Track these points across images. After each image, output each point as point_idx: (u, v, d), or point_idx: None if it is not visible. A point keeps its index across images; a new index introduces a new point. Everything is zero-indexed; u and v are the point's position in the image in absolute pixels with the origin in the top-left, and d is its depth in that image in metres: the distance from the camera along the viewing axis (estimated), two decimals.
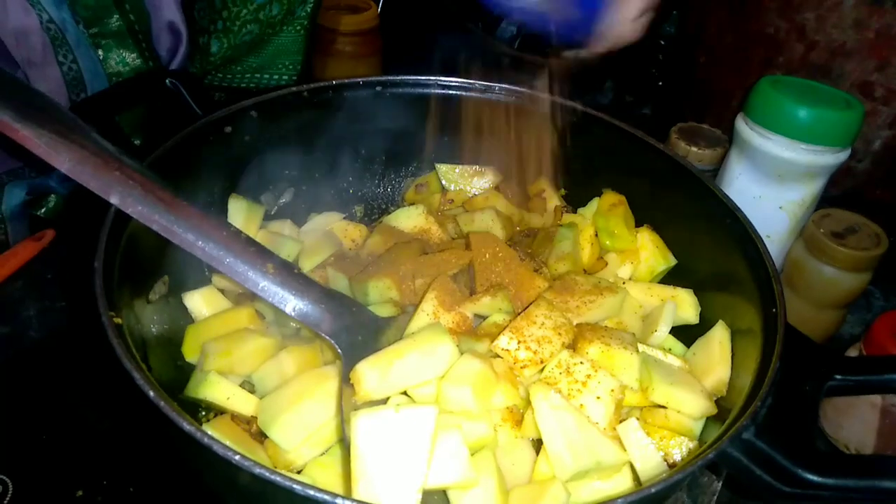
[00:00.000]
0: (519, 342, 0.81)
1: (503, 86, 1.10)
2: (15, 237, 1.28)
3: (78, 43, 1.15)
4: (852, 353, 1.08)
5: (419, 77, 1.10)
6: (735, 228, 0.90)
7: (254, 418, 0.82)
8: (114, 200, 0.71)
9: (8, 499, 0.83)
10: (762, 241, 0.86)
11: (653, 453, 0.76)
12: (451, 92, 1.11)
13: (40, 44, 1.11)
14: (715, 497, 0.93)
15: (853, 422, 1.05)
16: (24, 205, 1.29)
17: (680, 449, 0.81)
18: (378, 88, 1.08)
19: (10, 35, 1.09)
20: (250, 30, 1.39)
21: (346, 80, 1.06)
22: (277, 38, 1.45)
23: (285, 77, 1.50)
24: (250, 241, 0.78)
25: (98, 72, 1.20)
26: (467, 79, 1.10)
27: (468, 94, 1.11)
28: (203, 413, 0.87)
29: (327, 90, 1.05)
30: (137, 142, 1.18)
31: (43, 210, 1.33)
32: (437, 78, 1.10)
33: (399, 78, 1.09)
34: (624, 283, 1.00)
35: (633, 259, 1.04)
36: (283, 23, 1.42)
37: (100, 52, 1.19)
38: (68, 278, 1.15)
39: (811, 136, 1.13)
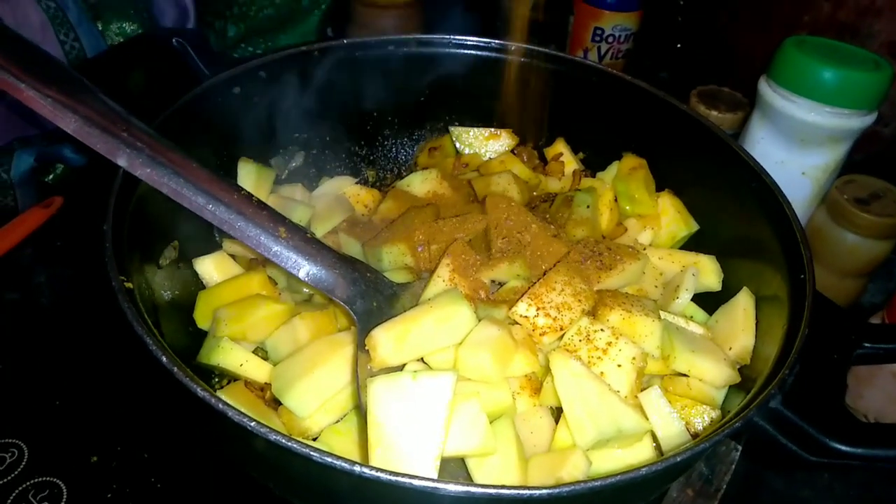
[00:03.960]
0: (538, 309, 0.79)
1: (521, 45, 1.07)
2: (23, 203, 1.27)
3: (80, 21, 1.14)
4: (874, 322, 1.06)
5: (433, 36, 1.06)
6: (761, 192, 0.87)
7: (268, 385, 0.81)
8: (121, 163, 0.69)
9: (24, 464, 0.83)
10: (789, 204, 0.84)
11: (675, 422, 0.75)
12: (465, 52, 1.07)
13: (39, 22, 1.09)
14: (733, 466, 0.92)
15: (873, 391, 1.04)
16: (32, 171, 1.28)
17: (702, 418, 0.80)
18: (390, 48, 1.05)
19: (8, 14, 1.07)
20: (268, 14, 1.36)
21: (357, 40, 1.03)
22: (306, 23, 1.42)
23: None
24: (262, 205, 0.76)
25: (101, 48, 1.19)
26: (483, 38, 1.06)
27: (484, 53, 1.07)
28: (216, 380, 0.87)
29: (338, 50, 1.01)
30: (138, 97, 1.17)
31: (51, 177, 1.32)
32: (452, 37, 1.06)
33: (412, 37, 1.06)
34: (644, 249, 0.98)
35: (653, 224, 1.02)
36: (310, 9, 1.39)
37: (99, 25, 1.17)
38: (78, 245, 1.14)
39: (837, 98, 1.09)
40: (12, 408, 0.90)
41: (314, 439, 0.77)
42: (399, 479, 0.54)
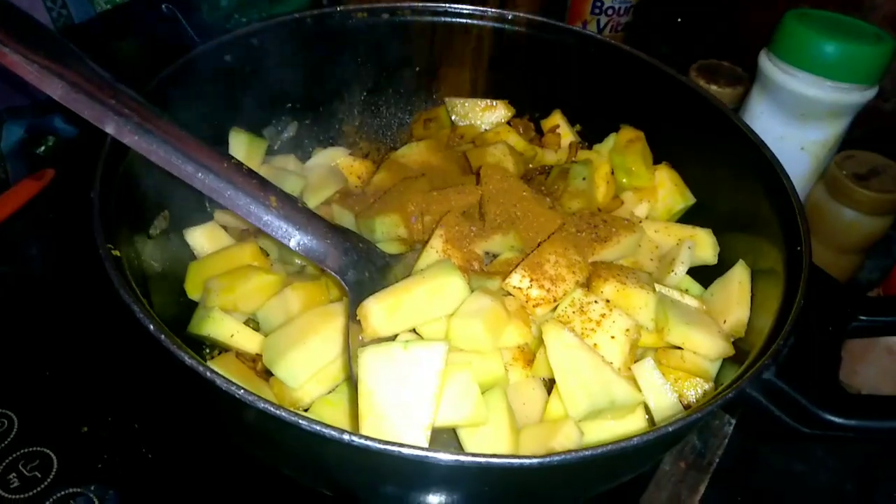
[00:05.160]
0: (532, 280, 0.79)
1: (517, 14, 1.05)
2: (15, 175, 1.26)
3: None
4: None
5: (428, 4, 1.04)
6: (759, 164, 0.86)
7: (259, 356, 0.81)
8: (109, 130, 0.68)
9: (14, 434, 0.83)
10: (788, 177, 0.83)
11: (668, 393, 0.74)
12: (461, 20, 1.05)
13: None
14: (726, 440, 0.92)
15: (868, 367, 1.04)
16: (23, 143, 1.27)
17: (695, 390, 0.80)
18: (385, 16, 1.03)
19: None
20: None
21: (351, 7, 1.01)
22: None
23: None
24: (252, 174, 0.74)
25: (90, 15, 1.16)
26: (479, 6, 1.04)
27: (480, 22, 1.05)
28: (207, 351, 0.86)
29: (332, 16, 1.00)
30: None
31: (42, 149, 1.31)
32: (448, 5, 1.04)
33: (407, 5, 1.04)
34: (640, 221, 0.97)
35: (650, 197, 1.01)
36: None
37: None
38: (70, 218, 1.13)
39: (837, 72, 1.08)
40: (3, 378, 0.90)
41: (306, 410, 0.77)
42: (388, 447, 0.53)
